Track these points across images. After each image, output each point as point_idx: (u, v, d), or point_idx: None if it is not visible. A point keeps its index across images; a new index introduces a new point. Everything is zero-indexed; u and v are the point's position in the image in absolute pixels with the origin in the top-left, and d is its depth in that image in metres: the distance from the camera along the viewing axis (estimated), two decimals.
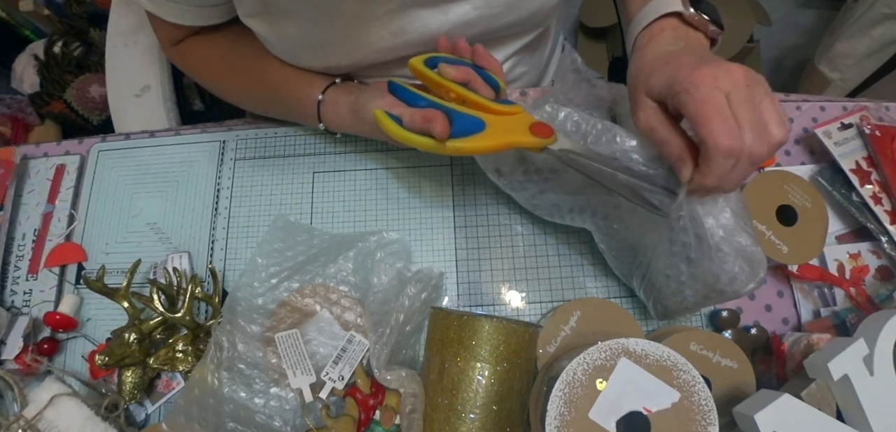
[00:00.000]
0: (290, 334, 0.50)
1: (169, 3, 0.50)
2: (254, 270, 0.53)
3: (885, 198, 0.53)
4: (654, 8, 0.42)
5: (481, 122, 0.37)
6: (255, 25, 0.50)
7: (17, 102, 1.26)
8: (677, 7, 0.41)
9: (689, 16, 0.41)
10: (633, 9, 0.45)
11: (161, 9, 0.51)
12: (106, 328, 0.55)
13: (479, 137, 0.37)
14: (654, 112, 0.38)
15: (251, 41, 0.53)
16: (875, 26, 1.15)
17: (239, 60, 0.55)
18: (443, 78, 0.41)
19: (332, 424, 0.46)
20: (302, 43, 0.50)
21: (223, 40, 0.56)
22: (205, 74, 0.58)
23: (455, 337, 0.44)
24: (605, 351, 0.39)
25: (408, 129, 0.37)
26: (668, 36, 0.42)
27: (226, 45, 0.56)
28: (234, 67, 0.56)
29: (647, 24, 0.43)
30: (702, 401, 0.37)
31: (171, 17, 0.51)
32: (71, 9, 1.18)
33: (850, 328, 0.49)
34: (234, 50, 0.55)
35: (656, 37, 0.42)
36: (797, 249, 0.50)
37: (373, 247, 0.53)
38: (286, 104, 0.56)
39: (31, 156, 0.64)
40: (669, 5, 0.41)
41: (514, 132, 0.38)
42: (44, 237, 0.59)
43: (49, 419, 0.46)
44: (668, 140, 0.37)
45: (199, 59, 0.57)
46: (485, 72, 0.43)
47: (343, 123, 0.52)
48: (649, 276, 0.47)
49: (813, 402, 0.38)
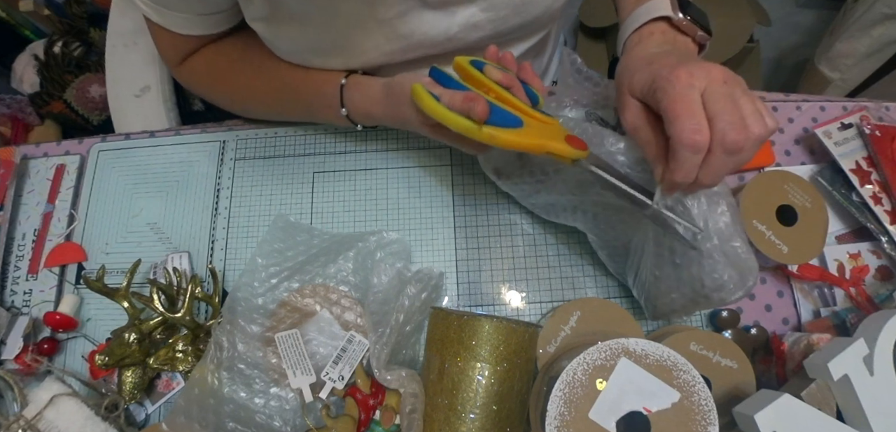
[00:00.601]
0: (290, 334, 0.50)
1: (177, 13, 0.50)
2: (254, 270, 0.53)
3: (885, 198, 0.53)
4: (644, 12, 0.43)
5: (519, 120, 0.38)
6: (262, 30, 0.50)
7: (17, 102, 1.26)
8: (667, 11, 0.42)
9: (677, 20, 0.42)
10: (625, 12, 0.46)
11: (169, 20, 0.50)
12: (106, 328, 0.55)
13: (516, 132, 0.37)
14: (638, 111, 0.38)
15: (260, 46, 0.52)
16: (875, 26, 1.15)
17: (250, 64, 0.55)
18: (487, 78, 0.42)
19: (332, 424, 0.46)
20: (309, 47, 0.50)
21: (231, 48, 0.55)
22: (217, 85, 0.57)
23: (455, 337, 0.44)
24: (605, 351, 0.39)
25: (447, 108, 0.38)
26: (657, 39, 0.42)
27: (235, 52, 0.55)
28: (245, 72, 0.55)
29: (636, 27, 0.44)
30: (702, 401, 0.37)
31: (180, 28, 0.51)
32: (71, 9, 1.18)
33: (850, 328, 0.49)
34: (243, 55, 0.55)
35: (645, 40, 0.43)
36: (797, 249, 0.50)
37: (373, 247, 0.53)
38: (304, 97, 0.54)
39: (31, 156, 0.64)
40: (659, 10, 0.42)
41: (550, 138, 0.38)
42: (44, 237, 0.59)
43: (49, 419, 0.46)
44: (650, 140, 0.37)
45: (209, 70, 0.56)
46: (527, 86, 0.43)
47: (371, 103, 0.50)
48: (641, 276, 0.47)
49: (813, 402, 0.38)
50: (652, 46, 0.42)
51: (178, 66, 0.57)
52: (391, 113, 0.48)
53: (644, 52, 0.42)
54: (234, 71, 0.56)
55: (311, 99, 0.54)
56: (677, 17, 0.42)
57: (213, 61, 0.56)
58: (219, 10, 0.51)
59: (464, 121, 0.37)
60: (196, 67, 0.56)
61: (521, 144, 0.37)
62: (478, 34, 0.51)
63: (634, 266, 0.48)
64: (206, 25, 0.52)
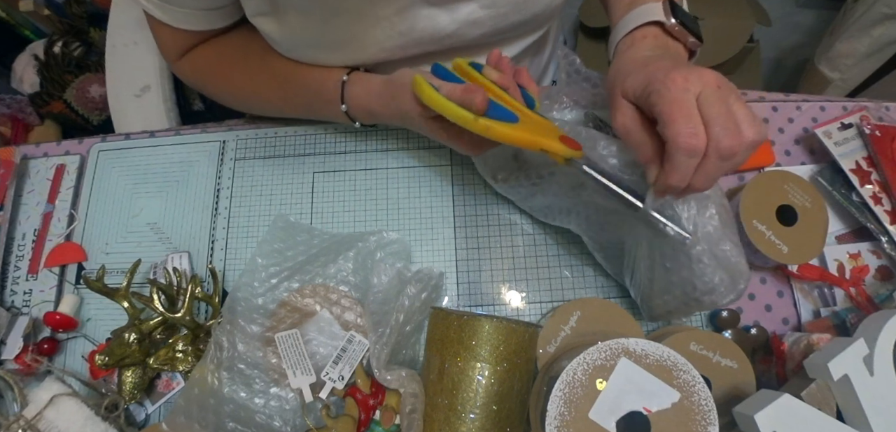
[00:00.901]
0: (290, 334, 0.50)
1: (178, 9, 0.50)
2: (254, 270, 0.53)
3: (885, 198, 0.53)
4: (636, 16, 0.43)
5: (515, 116, 0.38)
6: (263, 25, 0.50)
7: (17, 102, 1.26)
8: (659, 16, 0.42)
9: (669, 26, 0.42)
10: (617, 16, 0.46)
11: (170, 15, 0.50)
12: (106, 328, 0.55)
13: (512, 127, 0.37)
14: (631, 114, 0.38)
15: (260, 42, 0.52)
16: (875, 26, 1.15)
17: (251, 58, 0.55)
18: (485, 78, 0.42)
19: (332, 424, 0.46)
20: (310, 41, 0.50)
21: (231, 43, 0.55)
22: (217, 79, 0.57)
23: (455, 338, 0.44)
24: (605, 351, 0.39)
25: (446, 98, 0.38)
26: (649, 43, 0.43)
27: (235, 47, 0.55)
28: (246, 67, 0.55)
29: (628, 30, 0.44)
30: (702, 401, 0.37)
31: (181, 24, 0.51)
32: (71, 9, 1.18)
33: (850, 328, 0.49)
34: (244, 49, 0.55)
35: (637, 43, 0.43)
36: (797, 249, 0.50)
37: (373, 247, 0.53)
38: (304, 93, 0.54)
39: (31, 156, 0.64)
40: (651, 14, 0.43)
41: (545, 135, 0.38)
42: (44, 237, 0.59)
43: (49, 419, 0.46)
44: (642, 142, 0.37)
45: (210, 65, 0.56)
46: (523, 91, 0.44)
47: (371, 98, 0.50)
48: (636, 278, 0.47)
49: (813, 402, 0.38)
50: (644, 50, 0.42)
51: (177, 62, 0.57)
52: (391, 106, 0.48)
53: (637, 55, 0.42)
54: (234, 66, 0.55)
55: (312, 95, 0.54)
56: (669, 22, 0.42)
57: (213, 56, 0.56)
58: (220, 6, 0.51)
59: (462, 112, 0.37)
60: (196, 63, 0.56)
61: (516, 138, 0.37)
62: (478, 31, 0.51)
63: (630, 268, 0.48)
64: (208, 21, 0.52)
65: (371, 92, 0.50)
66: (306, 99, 0.55)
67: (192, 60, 0.56)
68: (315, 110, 0.56)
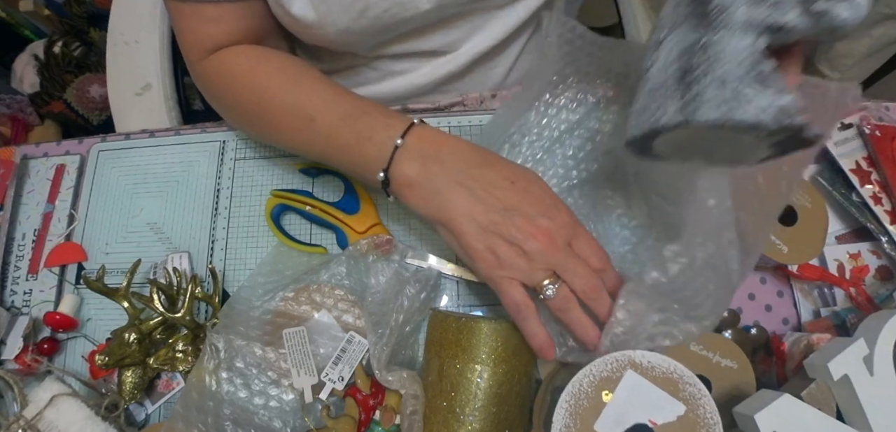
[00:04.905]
0: (298, 331, 0.50)
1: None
2: (253, 286, 0.53)
3: (885, 198, 0.53)
4: None
5: None
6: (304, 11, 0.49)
7: (17, 102, 1.26)
8: None
9: None
10: None
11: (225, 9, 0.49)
12: (106, 328, 0.55)
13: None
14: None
15: (300, 62, 0.52)
16: (875, 26, 1.15)
17: (292, 67, 0.51)
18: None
19: (333, 425, 0.46)
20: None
21: (274, 56, 0.52)
22: (244, 90, 0.51)
23: (453, 340, 0.44)
24: (611, 362, 0.39)
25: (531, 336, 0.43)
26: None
27: (271, 59, 0.52)
28: (286, 77, 0.50)
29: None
30: (707, 414, 0.37)
31: (235, 18, 0.50)
32: (71, 9, 1.18)
33: (850, 328, 0.48)
34: (282, 64, 0.51)
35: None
36: (797, 249, 0.50)
37: (364, 249, 0.53)
38: (344, 136, 0.46)
39: (31, 156, 0.64)
40: None
41: None
42: (44, 237, 0.59)
43: (49, 419, 0.46)
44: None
45: (242, 70, 0.51)
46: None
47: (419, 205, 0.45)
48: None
49: (813, 402, 0.38)
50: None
51: (201, 61, 0.52)
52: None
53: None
54: (271, 78, 0.50)
55: (348, 151, 0.47)
56: None
57: (245, 63, 0.51)
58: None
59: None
60: (225, 65, 0.51)
61: None
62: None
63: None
64: (247, 12, 0.51)
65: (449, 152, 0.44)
66: (343, 148, 0.47)
67: (221, 60, 0.51)
68: (350, 164, 0.48)
